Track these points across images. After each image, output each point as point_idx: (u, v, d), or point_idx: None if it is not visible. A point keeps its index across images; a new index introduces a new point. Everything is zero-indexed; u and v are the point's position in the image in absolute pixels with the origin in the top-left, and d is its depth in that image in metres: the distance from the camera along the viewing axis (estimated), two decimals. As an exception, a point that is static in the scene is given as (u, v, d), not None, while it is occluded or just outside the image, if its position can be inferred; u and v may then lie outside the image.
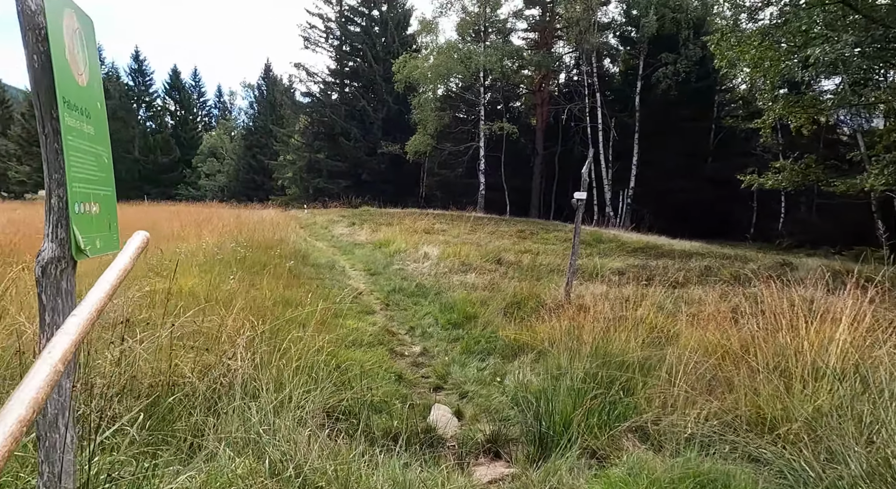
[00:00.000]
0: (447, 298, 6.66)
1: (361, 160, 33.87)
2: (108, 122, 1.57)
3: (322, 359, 4.54)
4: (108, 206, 1.56)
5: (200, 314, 4.59)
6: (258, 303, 5.56)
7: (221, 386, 2.95)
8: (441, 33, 30.61)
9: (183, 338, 3.73)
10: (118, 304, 4.64)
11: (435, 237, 11.47)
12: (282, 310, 5.77)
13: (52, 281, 1.36)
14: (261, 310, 5.25)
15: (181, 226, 11.64)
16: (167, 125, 62.67)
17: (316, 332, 5.26)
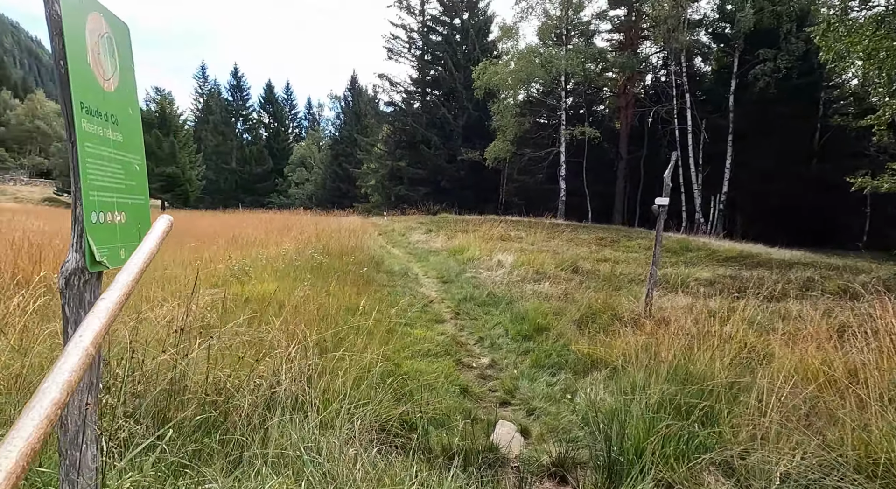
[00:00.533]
0: (519, 308, 6.44)
1: (441, 167, 34.16)
2: (141, 128, 1.54)
3: (384, 368, 4.48)
4: (137, 216, 1.52)
5: (256, 322, 4.67)
6: (326, 310, 5.61)
7: (268, 399, 2.91)
8: (521, 38, 30.36)
9: (240, 346, 3.76)
10: (190, 309, 4.82)
11: (510, 244, 11.23)
12: (349, 317, 5.78)
13: (75, 292, 1.33)
14: (328, 318, 5.28)
15: (266, 232, 12.15)
16: (261, 137, 66.43)
17: (381, 341, 5.23)
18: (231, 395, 2.83)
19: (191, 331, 3.72)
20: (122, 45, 1.43)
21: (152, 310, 5.62)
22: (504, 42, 32.66)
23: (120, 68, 1.41)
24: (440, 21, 39.32)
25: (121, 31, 1.42)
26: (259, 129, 67.16)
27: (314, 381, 3.52)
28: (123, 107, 1.42)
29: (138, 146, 1.52)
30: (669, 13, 25.42)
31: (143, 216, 1.56)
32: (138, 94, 1.53)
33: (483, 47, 36.57)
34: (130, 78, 1.48)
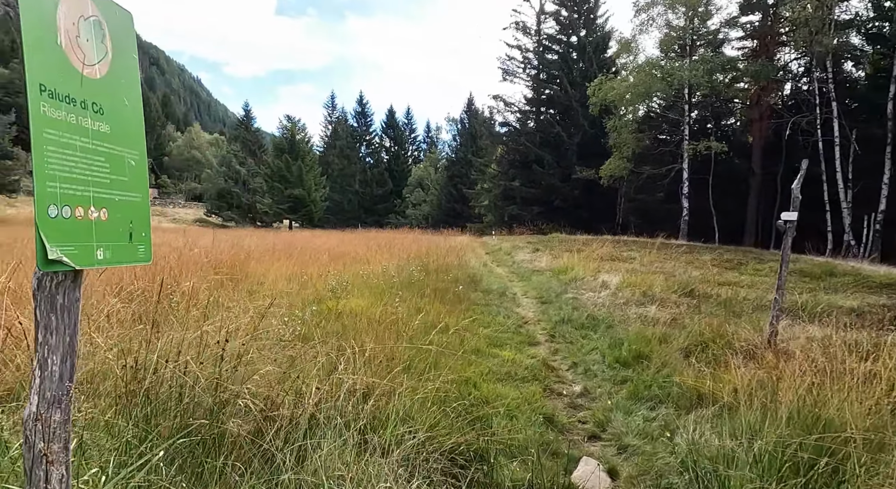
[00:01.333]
0: (619, 333, 5.92)
1: (554, 186, 33.47)
2: (142, 121, 1.47)
3: (461, 390, 4.24)
4: (129, 214, 1.45)
5: (342, 336, 4.64)
6: (413, 327, 5.50)
7: (315, 415, 2.78)
8: (640, 52, 28.93)
9: (314, 359, 3.71)
10: (273, 324, 4.92)
11: (619, 265, 10.54)
12: (435, 335, 5.63)
13: (46, 295, 1.25)
14: (413, 335, 5.16)
15: (373, 250, 12.47)
16: (382, 160, 69.69)
17: (465, 362, 5.01)
18: (279, 408, 2.75)
19: (281, 343, 3.74)
20: (119, 32, 1.38)
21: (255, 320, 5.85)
22: (623, 57, 31.53)
23: (113, 56, 1.35)
24: (556, 39, 38.98)
25: (118, 17, 1.37)
26: (381, 153, 70.50)
27: (379, 400, 3.38)
28: (114, 96, 1.36)
29: (135, 140, 1.46)
30: (813, 15, 23.01)
31: (138, 215, 1.50)
32: (134, 84, 1.45)
33: (601, 63, 35.59)
34: (128, 67, 1.42)
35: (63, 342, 1.26)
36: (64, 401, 1.29)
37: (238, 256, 9.71)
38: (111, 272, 6.60)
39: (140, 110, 1.47)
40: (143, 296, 5.43)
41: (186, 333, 3.44)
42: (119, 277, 6.22)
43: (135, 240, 1.50)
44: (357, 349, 4.51)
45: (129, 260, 1.50)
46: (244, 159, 62.20)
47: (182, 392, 2.49)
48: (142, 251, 1.54)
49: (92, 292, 5.09)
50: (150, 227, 1.56)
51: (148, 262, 1.53)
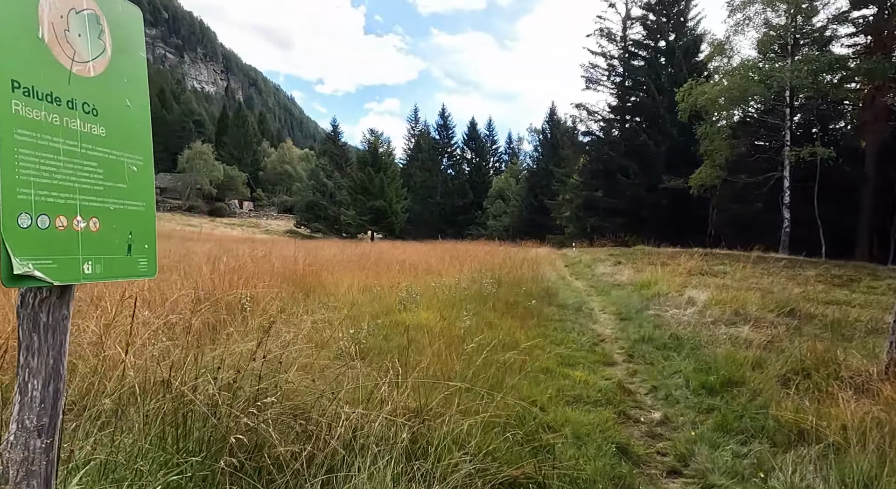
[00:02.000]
0: (706, 354, 5.39)
1: (640, 197, 32.12)
2: (149, 123, 1.37)
3: (526, 413, 3.97)
4: (125, 223, 1.33)
5: (407, 351, 4.49)
6: (479, 343, 5.27)
7: (355, 438, 2.62)
8: (735, 53, 27.20)
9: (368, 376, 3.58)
10: (336, 336, 4.86)
11: (709, 280, 9.75)
12: (504, 352, 5.38)
13: (28, 312, 1.16)
14: (480, 351, 4.94)
15: (450, 260, 12.38)
16: (464, 172, 70.13)
17: (532, 381, 4.72)
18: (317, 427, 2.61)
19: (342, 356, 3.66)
20: (123, 28, 1.29)
21: (321, 331, 5.87)
22: (716, 61, 29.85)
23: (113, 53, 1.26)
24: (643, 45, 37.69)
25: (121, 12, 1.28)
26: (462, 165, 71.01)
27: (430, 422, 3.18)
28: (112, 96, 1.26)
29: (139, 144, 1.35)
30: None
31: (140, 225, 1.38)
32: (139, 84, 1.35)
33: (691, 68, 33.94)
34: (133, 66, 1.33)
35: (46, 365, 1.17)
36: (45, 431, 1.18)
37: (313, 267, 9.90)
38: (177, 281, 6.86)
39: (146, 112, 1.37)
40: (209, 305, 5.58)
41: (236, 346, 3.41)
42: (187, 285, 6.46)
43: (135, 252, 1.39)
44: (415, 365, 4.35)
45: (127, 274, 1.37)
46: (331, 173, 64.79)
47: (216, 411, 2.41)
48: (143, 265, 1.42)
49: (147, 302, 5.26)
50: (154, 238, 1.43)
51: (151, 277, 1.42)
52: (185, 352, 3.04)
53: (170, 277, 7.43)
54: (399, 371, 3.70)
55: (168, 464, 2.00)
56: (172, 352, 3.15)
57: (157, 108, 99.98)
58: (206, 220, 69.35)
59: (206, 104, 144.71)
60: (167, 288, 6.80)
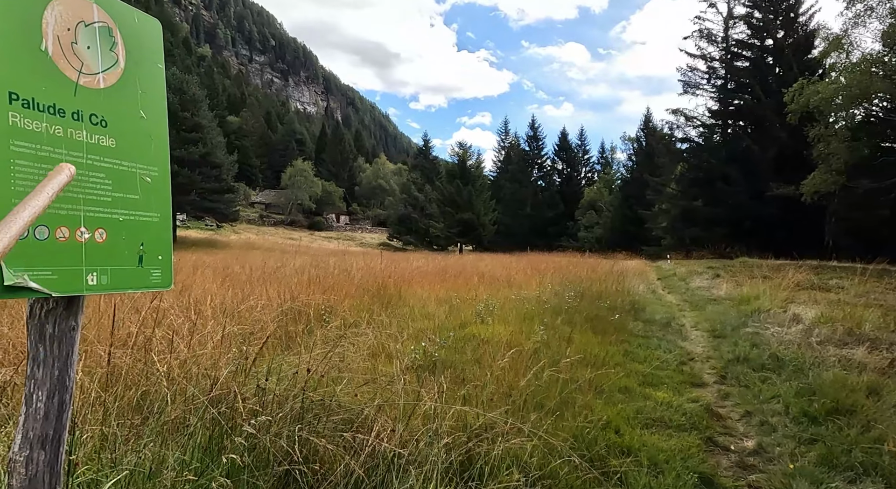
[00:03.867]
0: (812, 378, 4.82)
1: (744, 205, 29.94)
2: (166, 135, 1.38)
3: (597, 436, 3.72)
4: (136, 235, 1.33)
5: (478, 365, 4.37)
6: (554, 359, 5.06)
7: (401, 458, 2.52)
8: (855, 48, 24.76)
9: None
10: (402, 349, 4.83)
11: (819, 295, 8.79)
12: (581, 369, 5.13)
13: (35, 323, 1.18)
14: (552, 367, 4.73)
15: (533, 272, 12.13)
16: (554, 183, 69.04)
17: (608, 402, 4.44)
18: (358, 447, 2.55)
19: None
20: (139, 40, 1.31)
21: (400, 343, 5.90)
22: (832, 57, 27.36)
23: (126, 65, 1.28)
24: (747, 45, 35.36)
25: (137, 25, 1.30)
26: (552, 176, 69.94)
27: (492, 441, 3.04)
28: (124, 108, 1.28)
29: (154, 156, 1.36)
30: None
31: (153, 236, 1.38)
32: (156, 96, 1.37)
33: (802, 67, 31.35)
34: (149, 78, 1.34)
35: (51, 376, 1.18)
36: (50, 443, 1.19)
37: (392, 279, 10.04)
38: (263, 293, 7.16)
39: (162, 124, 1.39)
40: (290, 316, 5.77)
41: (302, 356, 3.46)
42: (271, 295, 6.73)
43: (146, 263, 1.39)
44: (481, 379, 4.23)
45: (138, 285, 1.37)
46: (422, 186, 66.14)
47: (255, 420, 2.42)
48: (156, 276, 1.42)
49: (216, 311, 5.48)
50: (170, 249, 1.45)
51: (167, 288, 1.42)
52: (249, 361, 3.11)
53: (256, 289, 7.81)
54: (464, 385, 3.61)
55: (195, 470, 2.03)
56: (235, 361, 3.25)
57: (263, 130, 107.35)
58: (305, 234, 73.11)
59: (307, 124, 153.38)
60: (256, 298, 7.15)
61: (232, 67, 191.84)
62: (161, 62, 1.37)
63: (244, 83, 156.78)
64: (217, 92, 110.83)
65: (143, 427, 2.25)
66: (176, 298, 5.78)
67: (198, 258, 19.94)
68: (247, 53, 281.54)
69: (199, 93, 39.38)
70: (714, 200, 31.94)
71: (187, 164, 36.00)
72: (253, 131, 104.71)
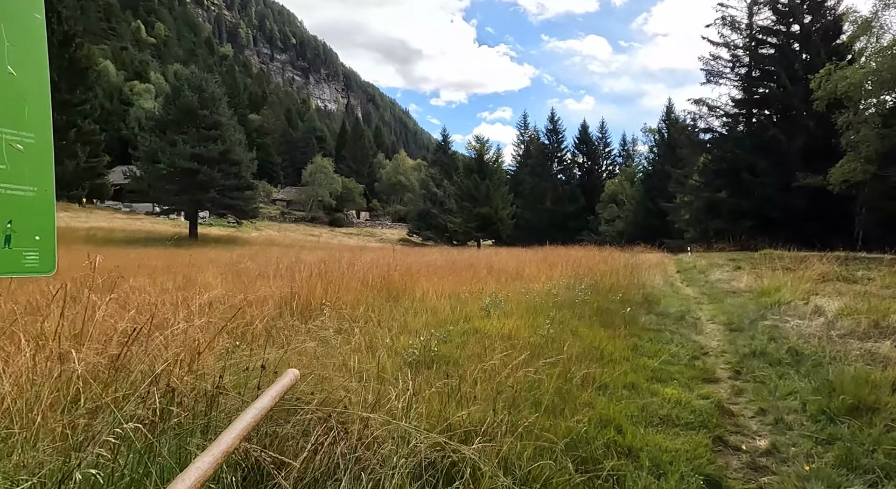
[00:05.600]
0: (831, 374, 4.52)
1: (770, 196, 29.11)
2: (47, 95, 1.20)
3: (595, 435, 3.50)
4: (4, 212, 1.15)
5: (480, 359, 4.18)
6: (558, 353, 4.85)
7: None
8: (886, 30, 23.81)
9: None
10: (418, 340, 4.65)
11: (845, 287, 8.37)
12: (586, 365, 4.90)
13: None
14: (556, 361, 4.52)
15: (548, 266, 11.86)
16: (575, 176, 68.24)
17: (612, 398, 4.21)
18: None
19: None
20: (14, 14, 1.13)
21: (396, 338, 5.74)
22: (861, 41, 26.37)
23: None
24: (772, 31, 34.33)
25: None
26: (573, 169, 69.14)
27: (483, 441, 2.85)
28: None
29: (30, 120, 1.18)
30: None
31: (26, 214, 1.19)
32: (32, 50, 1.19)
33: (830, 52, 30.31)
34: (19, 30, 1.15)
35: None
36: None
37: (399, 272, 9.88)
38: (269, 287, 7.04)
39: (44, 83, 1.19)
40: (288, 310, 5.65)
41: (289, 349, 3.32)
42: (275, 289, 6.61)
43: (17, 244, 1.19)
44: (479, 376, 4.04)
45: (6, 270, 1.19)
46: (441, 181, 65.93)
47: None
48: (32, 259, 1.23)
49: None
50: (52, 230, 1.26)
51: (47, 273, 1.24)
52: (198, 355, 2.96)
53: (263, 283, 7.72)
54: (458, 381, 3.42)
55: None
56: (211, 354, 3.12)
57: (283, 127, 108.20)
58: (326, 230, 73.55)
59: (327, 121, 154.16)
60: (255, 293, 7.04)
61: (253, 66, 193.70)
62: (41, 13, 1.20)
63: (265, 81, 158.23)
64: (238, 91, 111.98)
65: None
66: (170, 293, 5.70)
67: (216, 254, 20.08)
68: (268, 52, 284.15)
69: (217, 91, 39.61)
70: (739, 192, 31.14)
71: (206, 161, 36.26)
72: (274, 129, 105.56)
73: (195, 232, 39.35)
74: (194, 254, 20.56)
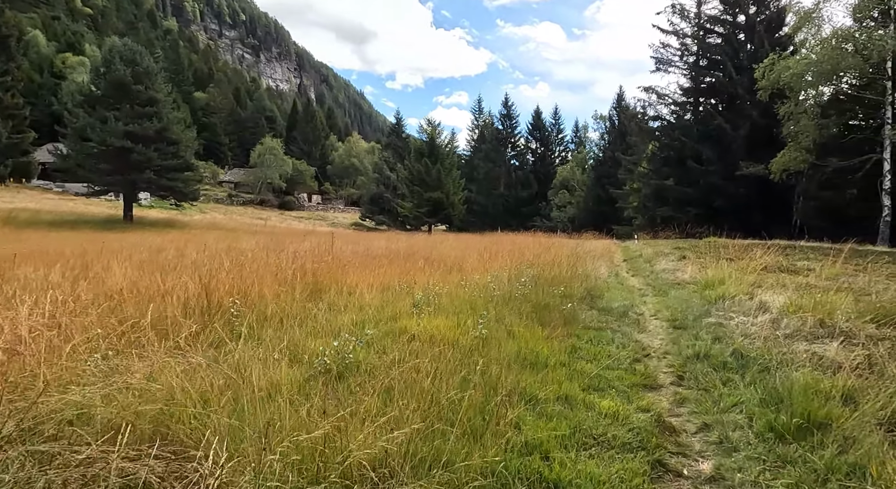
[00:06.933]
0: (778, 381, 4.18)
1: (715, 185, 29.63)
2: None
3: (521, 467, 3.01)
4: None
5: (399, 366, 3.62)
6: (487, 360, 4.34)
7: None
8: (826, 22, 24.30)
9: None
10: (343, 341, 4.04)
11: (788, 278, 8.23)
12: (512, 372, 4.41)
13: None
14: (486, 369, 4.00)
15: (490, 255, 11.39)
16: (528, 162, 68.32)
17: (540, 416, 3.74)
18: None
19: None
20: None
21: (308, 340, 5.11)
22: (802, 33, 26.90)
23: None
24: (719, 20, 34.73)
25: None
26: (526, 155, 69.18)
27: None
28: None
29: None
30: None
31: None
32: None
33: (774, 43, 30.88)
34: None
35: None
36: None
37: (342, 261, 9.22)
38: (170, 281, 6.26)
39: None
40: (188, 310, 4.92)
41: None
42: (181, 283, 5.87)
43: None
44: (400, 390, 3.50)
45: None
46: (395, 165, 64.87)
47: None
48: None
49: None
50: None
51: None
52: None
53: (174, 275, 6.92)
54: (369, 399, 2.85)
55: None
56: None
57: (232, 106, 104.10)
58: (275, 214, 71.48)
59: (278, 101, 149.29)
60: (161, 285, 6.26)
61: (200, 42, 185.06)
62: None
63: (212, 58, 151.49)
64: (183, 67, 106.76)
65: None
66: (59, 287, 4.88)
67: (145, 239, 18.79)
68: (216, 28, 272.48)
69: (153, 65, 37.17)
70: (686, 179, 31.59)
71: (141, 139, 34.03)
72: (221, 108, 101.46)
73: (130, 214, 37.18)
74: (122, 238, 19.21)
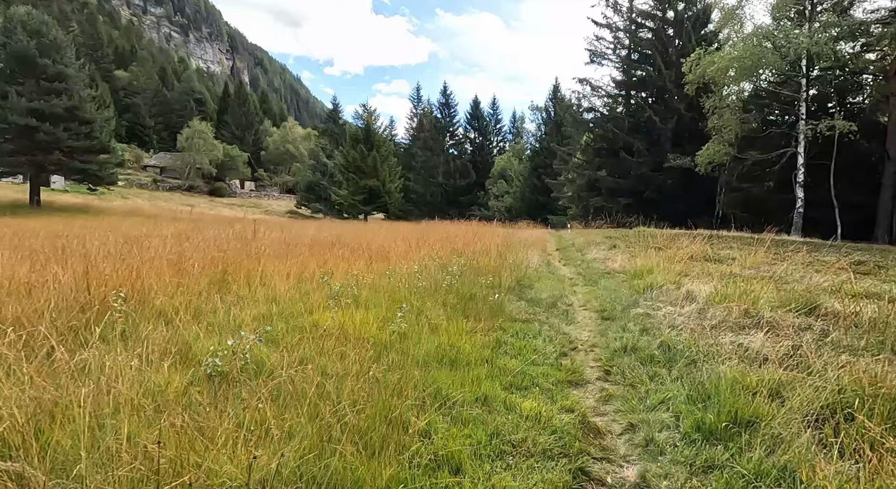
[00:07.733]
0: (705, 375, 4.02)
1: (645, 176, 30.47)
2: None
3: (428, 483, 2.63)
4: None
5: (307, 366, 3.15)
6: (403, 358, 3.95)
7: None
8: (747, 20, 25.29)
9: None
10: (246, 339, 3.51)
11: (713, 267, 8.32)
12: (433, 371, 4.04)
13: None
14: (402, 366, 3.61)
15: (419, 244, 11.00)
16: (466, 151, 68.32)
17: (456, 421, 3.38)
18: None
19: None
20: None
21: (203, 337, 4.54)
22: (726, 30, 27.93)
23: None
24: (650, 15, 35.58)
25: None
26: (465, 144, 69.17)
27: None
28: None
29: None
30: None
31: None
32: None
33: (700, 39, 31.98)
34: None
35: None
36: None
37: (256, 249, 8.58)
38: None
39: None
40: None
41: None
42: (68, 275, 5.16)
43: None
44: (301, 397, 3.03)
45: None
46: (331, 152, 63.21)
47: None
48: None
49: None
50: None
51: None
52: None
53: (60, 264, 6.14)
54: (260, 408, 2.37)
55: None
56: None
57: (157, 86, 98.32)
58: (204, 200, 68.32)
59: (209, 83, 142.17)
60: (39, 279, 5.52)
61: (122, 17, 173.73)
62: None
63: (136, 35, 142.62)
64: (102, 43, 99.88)
65: None
66: None
67: (46, 225, 17.19)
68: (140, 4, 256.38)
69: (63, 37, 34.20)
70: (617, 170, 32.31)
71: (49, 118, 31.27)
72: (145, 88, 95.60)
73: (37, 199, 34.22)
74: (20, 224, 17.49)
